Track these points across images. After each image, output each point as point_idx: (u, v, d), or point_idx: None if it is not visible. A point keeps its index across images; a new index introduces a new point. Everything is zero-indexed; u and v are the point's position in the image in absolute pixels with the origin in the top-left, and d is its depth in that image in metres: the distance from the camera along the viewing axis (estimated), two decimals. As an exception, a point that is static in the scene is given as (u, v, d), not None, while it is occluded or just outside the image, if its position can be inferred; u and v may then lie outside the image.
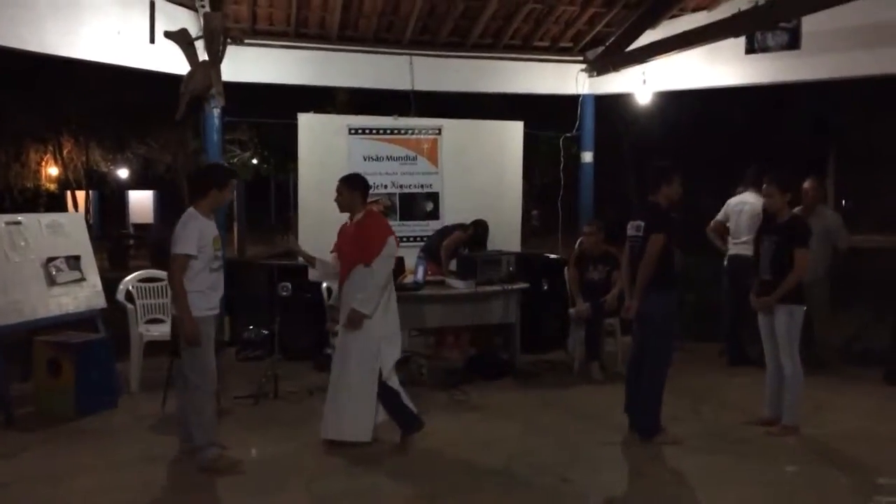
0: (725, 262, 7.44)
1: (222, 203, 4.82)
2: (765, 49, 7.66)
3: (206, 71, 6.66)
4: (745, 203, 7.18)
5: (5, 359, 5.56)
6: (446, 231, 7.49)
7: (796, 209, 6.73)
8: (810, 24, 7.25)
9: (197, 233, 4.50)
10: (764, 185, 5.30)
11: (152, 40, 6.87)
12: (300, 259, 5.42)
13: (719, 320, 7.85)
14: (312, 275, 5.15)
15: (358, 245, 4.90)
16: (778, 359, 5.21)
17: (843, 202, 20.23)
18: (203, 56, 6.77)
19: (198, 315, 4.49)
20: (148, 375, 6.23)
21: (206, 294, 4.58)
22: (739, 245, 7.03)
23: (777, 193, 5.21)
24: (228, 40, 6.78)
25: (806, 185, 6.99)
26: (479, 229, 7.40)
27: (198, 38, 6.77)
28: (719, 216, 7.51)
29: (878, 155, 20.50)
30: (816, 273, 6.61)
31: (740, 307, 6.32)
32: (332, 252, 5.21)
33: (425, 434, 5.04)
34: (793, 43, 7.47)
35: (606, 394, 6.08)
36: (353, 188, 5.02)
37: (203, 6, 7.01)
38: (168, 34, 6.70)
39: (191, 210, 4.63)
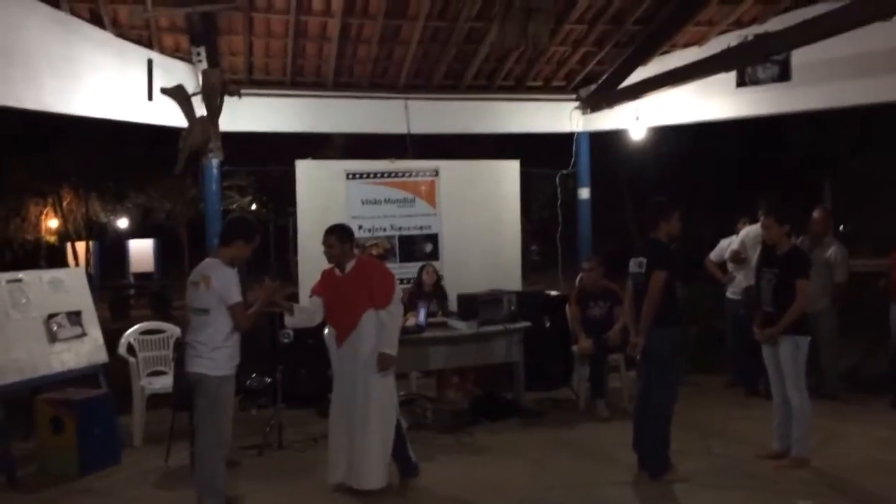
0: (733, 295, 7.41)
1: (242, 257, 4.66)
2: (755, 82, 7.75)
3: (205, 126, 6.73)
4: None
5: (7, 418, 5.52)
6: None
7: (800, 238, 6.74)
8: (800, 56, 7.34)
9: (237, 280, 4.47)
10: (761, 218, 5.32)
11: (150, 97, 6.96)
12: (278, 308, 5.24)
13: (724, 352, 7.83)
14: (289, 321, 5.10)
15: (366, 292, 4.90)
16: (785, 391, 5.18)
17: (842, 227, 20.22)
18: (200, 109, 6.84)
19: (222, 374, 4.46)
20: (151, 429, 6.19)
21: (234, 352, 4.54)
22: None
23: (775, 225, 5.23)
24: (226, 95, 6.86)
25: (815, 214, 7.00)
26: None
27: (195, 94, 6.85)
28: (736, 245, 7.41)
29: (873, 180, 20.60)
30: (821, 303, 6.60)
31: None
32: (311, 296, 5.19)
33: (433, 478, 5.03)
34: (783, 75, 7.55)
35: (614, 431, 6.03)
36: (344, 240, 5.04)
37: (200, 60, 7.12)
38: (165, 90, 6.77)
39: (214, 260, 4.55)
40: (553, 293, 8.52)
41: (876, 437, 5.83)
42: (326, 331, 5.24)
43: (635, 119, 8.58)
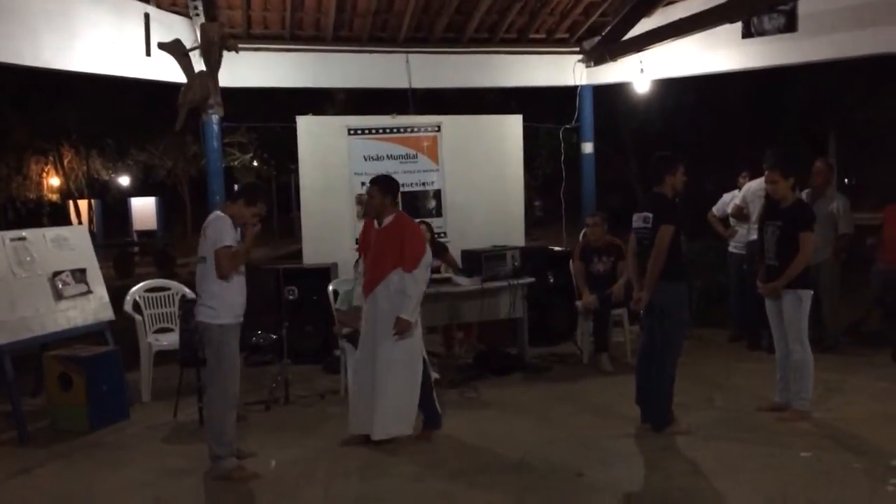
0: (736, 249, 7.42)
1: (241, 218, 4.68)
2: (762, 33, 7.63)
3: (204, 81, 6.66)
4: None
5: (16, 375, 5.57)
6: None
7: (805, 192, 6.71)
8: (806, 6, 7.23)
9: (230, 228, 4.53)
10: (766, 171, 5.28)
11: (148, 53, 6.87)
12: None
13: (727, 306, 7.85)
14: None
15: (395, 250, 4.91)
16: (787, 344, 5.21)
17: (846, 180, 20.13)
18: (199, 65, 6.76)
19: (224, 322, 4.52)
20: (159, 385, 6.27)
21: (234, 301, 4.59)
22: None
23: (780, 179, 5.19)
24: (224, 50, 6.78)
25: (816, 166, 6.95)
26: None
27: (193, 49, 6.76)
28: (738, 201, 7.33)
29: (879, 132, 20.44)
30: (823, 256, 6.58)
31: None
32: (357, 250, 5.29)
33: (439, 433, 5.09)
34: (790, 26, 7.43)
35: (617, 385, 6.08)
36: (385, 191, 5.02)
37: (197, 14, 7.02)
38: (162, 45, 6.69)
39: (217, 212, 4.68)
40: (557, 249, 8.53)
41: (877, 389, 5.87)
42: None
43: (639, 72, 8.48)
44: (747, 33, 7.73)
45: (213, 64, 6.72)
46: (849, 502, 3.99)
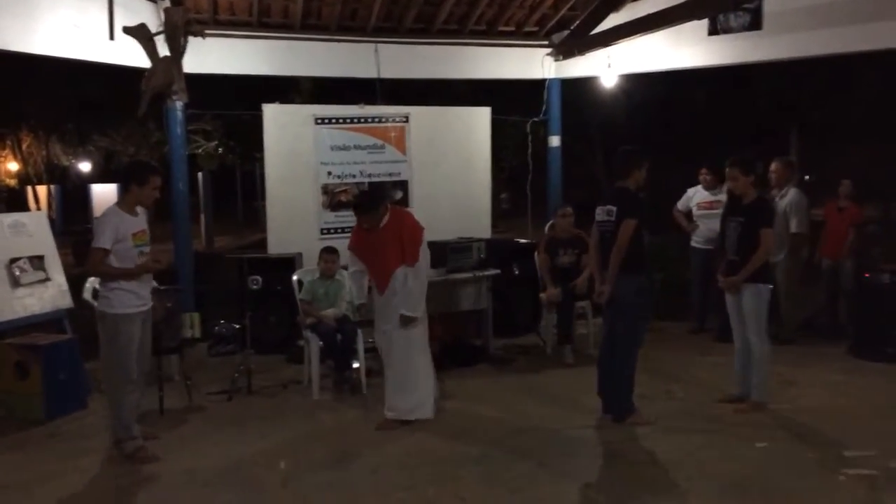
0: (698, 244, 7.54)
1: (145, 200, 4.76)
2: (727, 30, 7.74)
3: (168, 67, 6.56)
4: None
5: (-29, 363, 5.46)
6: None
7: (774, 191, 6.87)
8: (772, 4, 7.34)
9: (112, 228, 4.56)
10: (727, 169, 5.36)
11: (112, 36, 6.74)
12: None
13: (688, 299, 7.97)
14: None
15: (398, 246, 5.06)
16: (746, 337, 5.30)
17: (807, 177, 20.49)
18: (163, 50, 6.65)
19: (119, 312, 4.57)
20: (119, 374, 6.17)
21: (130, 291, 4.61)
22: None
23: (741, 176, 5.27)
24: (190, 35, 6.67)
25: (772, 166, 7.10)
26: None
27: (157, 34, 6.64)
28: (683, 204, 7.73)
29: (839, 130, 20.83)
30: (779, 255, 6.72)
31: None
32: (349, 247, 5.37)
33: (402, 423, 5.13)
34: (755, 24, 7.55)
35: (579, 377, 6.13)
36: (375, 211, 5.12)
37: (163, -2, 6.90)
38: (127, 30, 6.57)
39: (111, 206, 4.73)
40: (522, 241, 8.56)
41: (832, 382, 6.02)
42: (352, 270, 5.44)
43: (607, 66, 8.55)
44: (713, 30, 7.84)
45: (178, 49, 6.62)
46: (802, 491, 4.08)
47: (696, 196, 7.67)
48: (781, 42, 7.56)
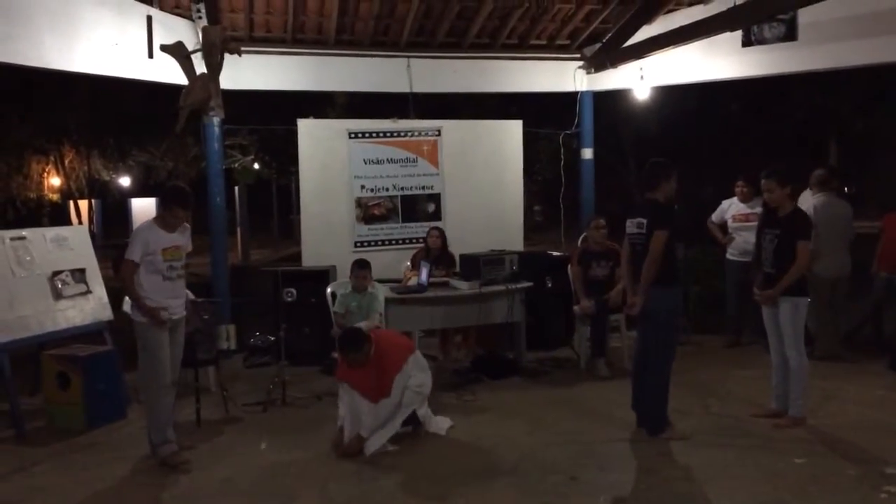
0: (733, 256, 7.46)
1: (171, 222, 4.88)
2: (762, 41, 7.66)
3: (205, 84, 6.67)
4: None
5: (14, 374, 5.59)
6: None
7: (814, 197, 6.73)
8: (807, 15, 7.25)
9: (142, 242, 4.72)
10: (762, 181, 5.30)
11: (150, 55, 6.90)
12: None
13: (723, 312, 7.86)
14: None
15: (387, 371, 5.05)
16: (783, 351, 5.23)
17: (846, 189, 20.16)
18: (200, 67, 6.78)
19: (146, 320, 4.70)
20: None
21: (160, 302, 4.75)
22: None
23: (777, 187, 5.21)
24: (226, 53, 6.80)
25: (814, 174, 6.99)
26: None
27: (195, 52, 6.78)
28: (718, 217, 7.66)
29: (879, 140, 20.48)
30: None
31: None
32: (337, 380, 5.29)
33: (435, 435, 5.15)
34: (790, 34, 7.46)
35: (613, 390, 6.09)
36: (366, 349, 5.05)
37: (200, 17, 7.06)
38: (164, 48, 6.71)
39: (147, 220, 4.94)
40: (555, 253, 8.54)
41: (872, 397, 5.89)
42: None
43: (639, 78, 8.52)
44: (747, 41, 7.76)
45: (215, 66, 6.73)
46: (842, 509, 4.01)
47: (731, 208, 7.58)
48: (817, 52, 7.46)
